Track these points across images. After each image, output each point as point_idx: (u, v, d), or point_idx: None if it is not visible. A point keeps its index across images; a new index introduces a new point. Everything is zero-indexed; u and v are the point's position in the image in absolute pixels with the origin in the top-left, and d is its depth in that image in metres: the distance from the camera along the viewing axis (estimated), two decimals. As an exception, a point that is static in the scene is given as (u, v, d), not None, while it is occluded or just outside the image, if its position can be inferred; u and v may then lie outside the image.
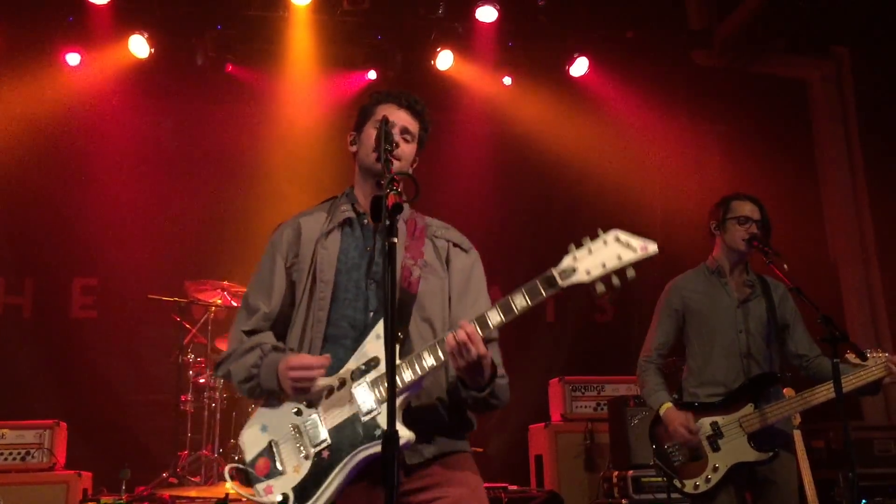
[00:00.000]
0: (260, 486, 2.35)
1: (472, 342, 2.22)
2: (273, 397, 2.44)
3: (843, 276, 8.09)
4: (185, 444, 6.22)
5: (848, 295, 8.01)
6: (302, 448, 2.35)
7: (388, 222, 2.07)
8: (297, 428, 2.38)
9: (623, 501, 5.49)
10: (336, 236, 2.56)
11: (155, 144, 7.58)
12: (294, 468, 2.34)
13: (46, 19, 7.14)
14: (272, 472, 2.35)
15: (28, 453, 5.60)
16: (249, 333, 2.56)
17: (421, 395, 2.39)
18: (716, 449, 3.66)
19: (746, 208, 3.94)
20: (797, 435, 4.68)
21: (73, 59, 7.22)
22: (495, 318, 2.28)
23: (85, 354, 7.14)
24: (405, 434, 2.22)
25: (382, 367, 2.32)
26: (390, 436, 1.92)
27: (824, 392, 3.59)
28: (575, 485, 6.17)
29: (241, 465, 2.40)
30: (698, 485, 3.63)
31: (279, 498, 2.31)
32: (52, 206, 7.33)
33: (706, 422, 3.71)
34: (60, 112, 7.23)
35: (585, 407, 6.52)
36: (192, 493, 4.95)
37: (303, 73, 7.63)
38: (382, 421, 2.27)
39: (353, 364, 2.37)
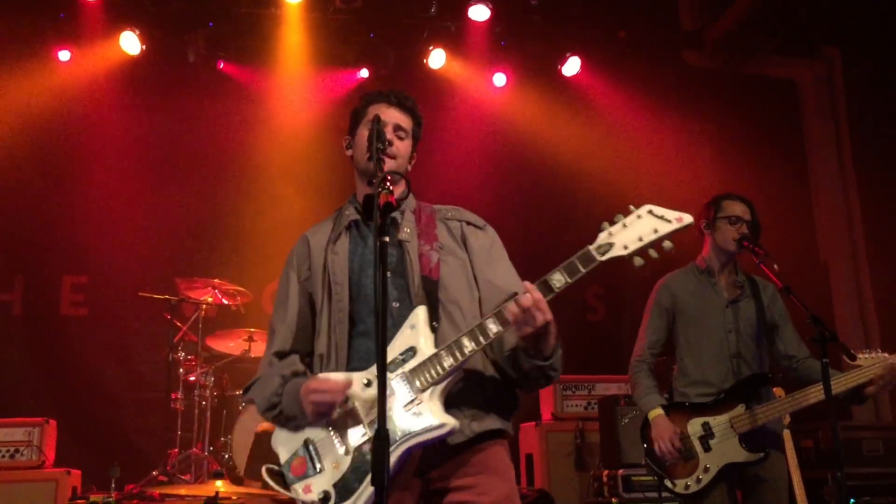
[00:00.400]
0: (298, 486, 2.34)
1: (539, 308, 2.19)
2: (294, 420, 2.42)
3: (833, 277, 8.13)
4: (176, 442, 6.20)
5: (838, 295, 8.05)
6: (340, 444, 2.34)
7: (379, 221, 2.06)
8: (333, 424, 2.37)
9: (613, 500, 5.49)
10: (344, 240, 2.58)
11: (146, 141, 7.54)
12: (333, 465, 2.32)
13: (38, 16, 7.12)
14: (309, 471, 2.35)
15: (17, 451, 5.57)
16: (279, 355, 2.57)
17: (464, 376, 2.37)
18: (707, 449, 3.67)
19: (737, 208, 3.95)
20: (786, 434, 4.70)
21: (64, 55, 7.19)
22: (558, 282, 2.25)
23: (75, 352, 7.10)
24: (450, 422, 2.23)
25: (420, 357, 2.32)
26: (380, 435, 1.91)
27: (815, 393, 3.60)
28: (565, 484, 6.17)
29: (275, 467, 2.39)
30: (689, 485, 3.64)
31: (320, 496, 2.29)
32: (42, 203, 7.29)
33: (697, 422, 3.72)
34: (52, 109, 7.20)
35: (576, 406, 6.53)
36: (182, 491, 4.93)
37: (295, 71, 7.62)
38: (424, 409, 2.26)
39: (388, 356, 2.32)
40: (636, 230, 2.22)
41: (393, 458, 2.23)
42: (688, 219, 2.23)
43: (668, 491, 3.73)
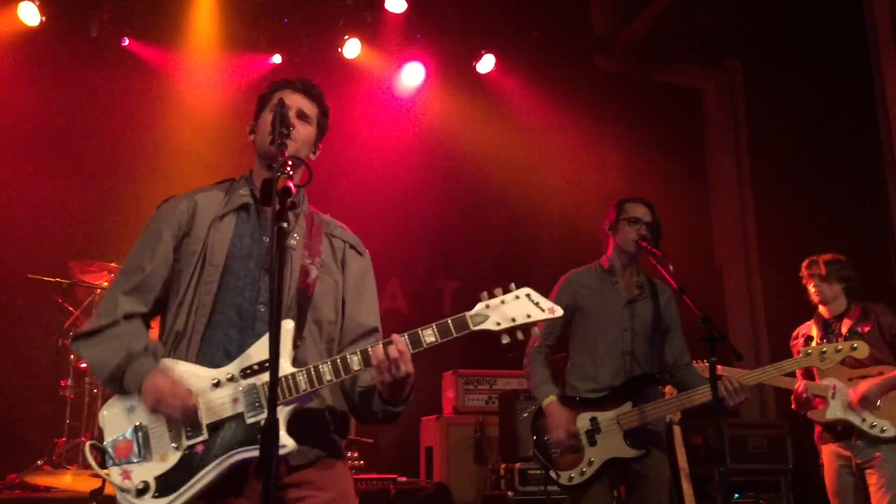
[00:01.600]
0: (116, 469, 2.27)
1: (404, 360, 2.24)
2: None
3: (727, 280, 8.45)
4: (64, 430, 5.97)
5: (730, 298, 8.37)
6: (174, 438, 2.27)
7: (277, 206, 2.04)
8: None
9: (509, 493, 5.58)
10: (231, 220, 2.50)
11: (42, 118, 7.19)
12: (161, 457, 2.26)
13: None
14: (133, 457, 2.27)
15: None
16: (129, 316, 2.44)
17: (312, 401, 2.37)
18: (592, 443, 3.75)
19: (639, 210, 4.05)
20: (676, 430, 4.87)
21: (-45, 24, 6.80)
22: (402, 345, 2.27)
23: (-43, 335, 6.74)
24: (288, 443, 2.21)
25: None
26: (269, 426, 1.89)
27: (700, 394, 3.74)
28: (464, 476, 6.23)
29: (99, 444, 2.31)
30: (573, 477, 3.72)
31: (138, 485, 2.22)
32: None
33: (585, 416, 3.80)
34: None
35: (477, 400, 6.60)
36: (68, 479, 4.74)
37: (204, 53, 7.41)
38: None
39: (245, 361, 2.30)
40: (511, 310, 2.29)
41: (223, 465, 2.22)
42: (559, 311, 2.32)
43: (553, 483, 3.79)
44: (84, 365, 6.06)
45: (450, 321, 2.30)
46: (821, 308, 4.72)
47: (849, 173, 7.11)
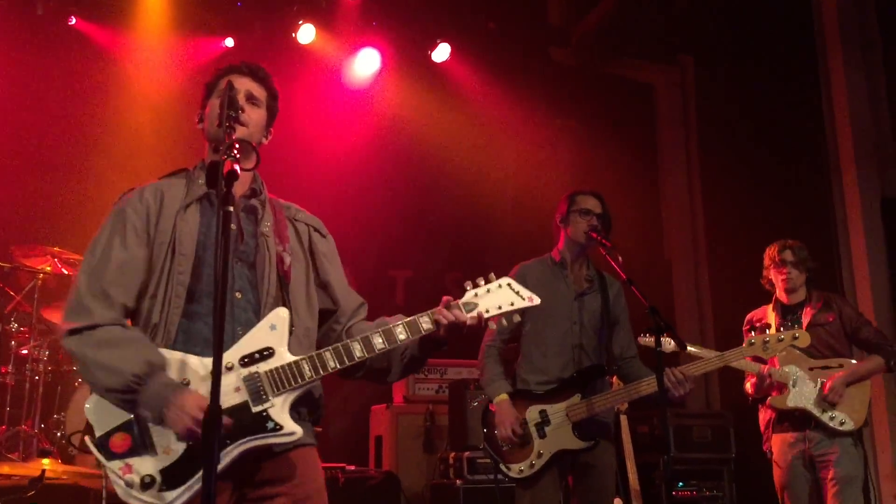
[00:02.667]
0: (115, 464, 2.18)
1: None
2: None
3: (675, 274, 8.58)
4: (3, 418, 5.81)
5: (678, 292, 8.50)
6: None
7: (224, 190, 2.01)
8: None
9: (458, 482, 5.60)
10: (195, 210, 2.47)
11: (-18, 97, 6.98)
12: (164, 450, 2.19)
13: None
14: (133, 451, 2.19)
15: None
16: (127, 312, 2.36)
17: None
18: (542, 436, 3.78)
19: (590, 202, 4.08)
20: (623, 420, 4.95)
21: None
22: (402, 335, 2.41)
23: None
24: (298, 431, 2.23)
25: (278, 360, 2.28)
26: (213, 412, 1.86)
27: (647, 385, 3.78)
28: (413, 465, 6.25)
29: (93, 439, 2.22)
30: (522, 469, 3.74)
31: (144, 479, 2.15)
32: None
33: (535, 409, 3.82)
34: None
35: (428, 389, 6.61)
36: (6, 469, 4.63)
37: (155, 34, 7.24)
38: (275, 414, 2.23)
39: (242, 349, 2.28)
40: (497, 298, 2.48)
41: (233, 455, 2.18)
42: (536, 300, 2.52)
43: (503, 475, 3.81)
44: (25, 351, 5.91)
45: (447, 304, 2.44)
46: (782, 295, 4.70)
47: (796, 169, 7.28)
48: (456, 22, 7.93)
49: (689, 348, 3.96)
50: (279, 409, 2.24)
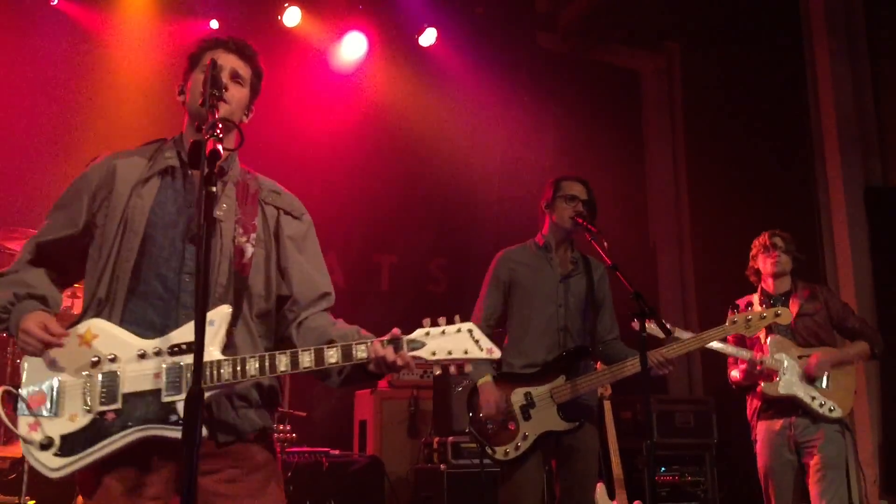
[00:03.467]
0: (25, 420, 2.20)
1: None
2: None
3: (659, 260, 8.62)
4: (-16, 402, 5.77)
5: (663, 277, 8.55)
6: (88, 401, 2.20)
7: (206, 169, 1.96)
8: (90, 378, 2.22)
9: (442, 466, 5.62)
10: (154, 185, 2.40)
11: (-37, 77, 6.89)
12: (71, 416, 2.19)
13: None
14: (44, 410, 2.21)
15: None
16: (34, 262, 2.41)
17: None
18: (527, 418, 3.79)
19: (575, 188, 4.08)
20: (607, 405, 4.95)
21: None
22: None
23: None
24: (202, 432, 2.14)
25: (206, 358, 2.20)
26: (195, 393, 1.84)
27: (631, 366, 3.79)
28: (397, 450, 6.26)
29: (15, 390, 2.23)
30: (508, 452, 3.75)
31: (42, 440, 2.17)
32: None
33: (520, 392, 3.83)
34: None
35: (412, 374, 6.60)
36: (-13, 453, 4.61)
37: (138, 15, 7.18)
38: (180, 409, 2.16)
39: (175, 338, 2.24)
40: (450, 343, 2.25)
41: (129, 439, 2.16)
42: (497, 354, 2.28)
43: (489, 458, 3.83)
44: (4, 334, 5.85)
45: (385, 339, 2.26)
46: (769, 283, 4.70)
47: (780, 157, 7.31)
48: (443, 6, 7.89)
49: (674, 333, 3.97)
50: None
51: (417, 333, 2.27)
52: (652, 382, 3.61)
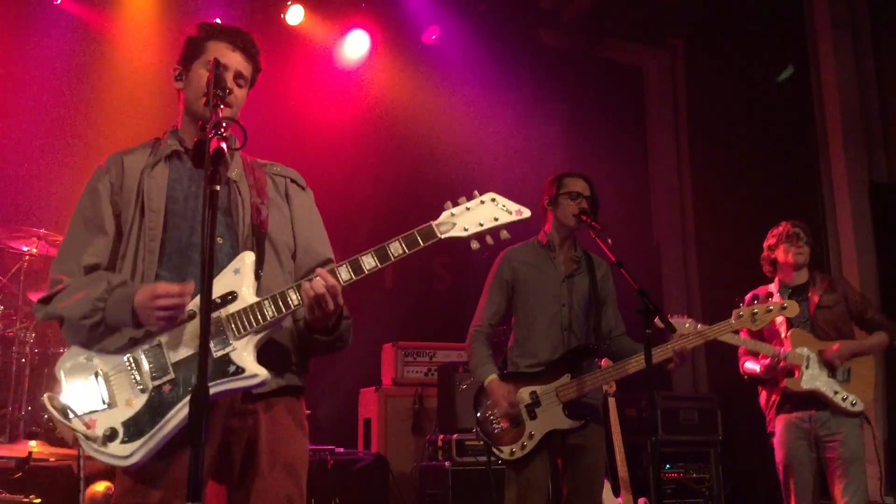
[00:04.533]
0: (79, 420, 2.19)
1: (332, 294, 2.24)
2: (110, 333, 2.26)
3: (663, 258, 8.60)
4: (-10, 400, 5.79)
5: (667, 275, 8.53)
6: (138, 381, 2.21)
7: (210, 168, 1.97)
8: (133, 360, 2.23)
9: (446, 464, 5.61)
10: (163, 167, 2.45)
11: (-33, 75, 6.90)
12: (127, 401, 2.19)
13: None
14: (96, 405, 2.20)
15: None
16: (91, 268, 2.37)
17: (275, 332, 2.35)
18: (533, 417, 3.78)
19: (578, 185, 4.06)
20: (611, 402, 4.96)
21: None
22: (370, 262, 2.30)
23: None
24: (262, 373, 2.19)
25: (241, 303, 2.25)
26: (200, 390, 1.84)
27: (635, 363, 3.78)
28: (402, 447, 6.27)
29: (55, 395, 2.22)
30: (514, 451, 3.75)
31: (105, 432, 2.15)
32: None
33: (526, 391, 3.82)
34: None
35: (417, 372, 6.61)
36: (-7, 451, 4.62)
37: (142, 14, 7.19)
38: (236, 357, 2.20)
39: None
40: (478, 215, 2.32)
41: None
42: (526, 213, 2.36)
43: (496, 457, 3.82)
44: (11, 333, 5.87)
45: (416, 232, 2.32)
46: (789, 274, 4.64)
47: (784, 152, 7.29)
48: (446, 3, 7.88)
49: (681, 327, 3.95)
50: (241, 351, 2.21)
51: (444, 216, 2.36)
52: (656, 379, 3.60)
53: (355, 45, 7.91)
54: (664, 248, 8.65)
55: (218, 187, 2.00)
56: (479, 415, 3.88)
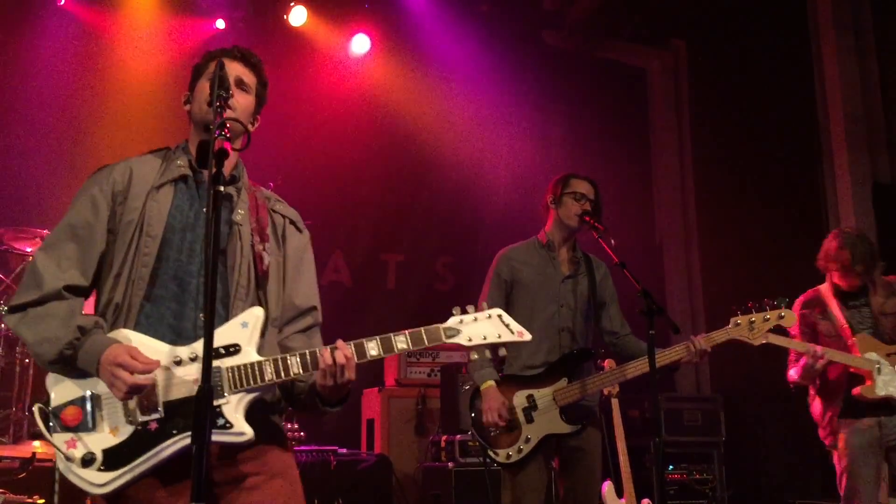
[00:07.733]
0: (61, 437, 2.17)
1: (349, 367, 2.26)
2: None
3: (666, 258, 8.59)
4: (-7, 401, 5.80)
5: (670, 276, 8.52)
6: (128, 412, 2.18)
7: (214, 168, 1.98)
8: None
9: (449, 465, 5.62)
10: (169, 191, 2.41)
11: (-29, 77, 6.92)
12: (112, 430, 2.17)
13: None
14: (81, 427, 2.17)
15: None
16: (73, 290, 2.31)
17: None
18: (530, 420, 3.77)
19: (583, 186, 4.06)
20: (614, 403, 4.95)
21: None
22: (373, 350, 2.32)
23: None
24: (248, 432, 2.17)
25: (243, 358, 2.23)
26: (204, 392, 1.85)
27: (636, 367, 3.78)
28: (405, 448, 6.27)
29: (46, 408, 2.20)
30: (510, 455, 3.74)
31: (84, 455, 2.14)
32: None
33: (522, 394, 3.81)
34: None
35: (419, 373, 6.61)
36: (-4, 452, 4.63)
37: (145, 15, 7.21)
38: (227, 412, 2.18)
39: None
40: (483, 328, 2.39)
41: (178, 446, 2.15)
42: (527, 336, 2.42)
43: (492, 460, 3.81)
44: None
45: (423, 330, 2.35)
46: (840, 281, 4.42)
47: (787, 153, 7.28)
48: (448, 5, 7.89)
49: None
50: (233, 406, 2.19)
51: (452, 321, 2.38)
52: (659, 380, 3.59)
53: (358, 47, 7.93)
54: (667, 249, 8.64)
55: (222, 188, 2.00)
56: (474, 417, 3.86)
